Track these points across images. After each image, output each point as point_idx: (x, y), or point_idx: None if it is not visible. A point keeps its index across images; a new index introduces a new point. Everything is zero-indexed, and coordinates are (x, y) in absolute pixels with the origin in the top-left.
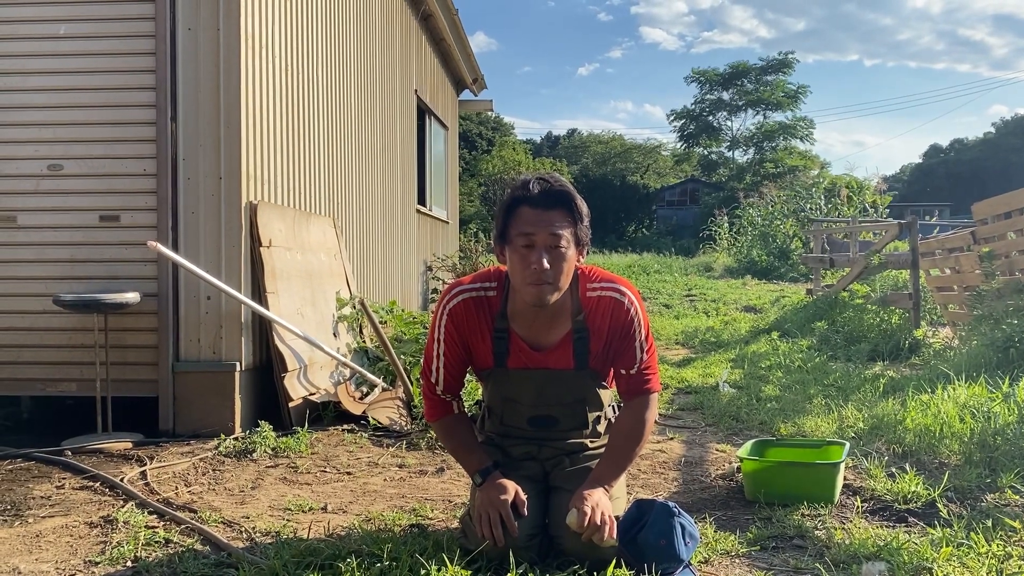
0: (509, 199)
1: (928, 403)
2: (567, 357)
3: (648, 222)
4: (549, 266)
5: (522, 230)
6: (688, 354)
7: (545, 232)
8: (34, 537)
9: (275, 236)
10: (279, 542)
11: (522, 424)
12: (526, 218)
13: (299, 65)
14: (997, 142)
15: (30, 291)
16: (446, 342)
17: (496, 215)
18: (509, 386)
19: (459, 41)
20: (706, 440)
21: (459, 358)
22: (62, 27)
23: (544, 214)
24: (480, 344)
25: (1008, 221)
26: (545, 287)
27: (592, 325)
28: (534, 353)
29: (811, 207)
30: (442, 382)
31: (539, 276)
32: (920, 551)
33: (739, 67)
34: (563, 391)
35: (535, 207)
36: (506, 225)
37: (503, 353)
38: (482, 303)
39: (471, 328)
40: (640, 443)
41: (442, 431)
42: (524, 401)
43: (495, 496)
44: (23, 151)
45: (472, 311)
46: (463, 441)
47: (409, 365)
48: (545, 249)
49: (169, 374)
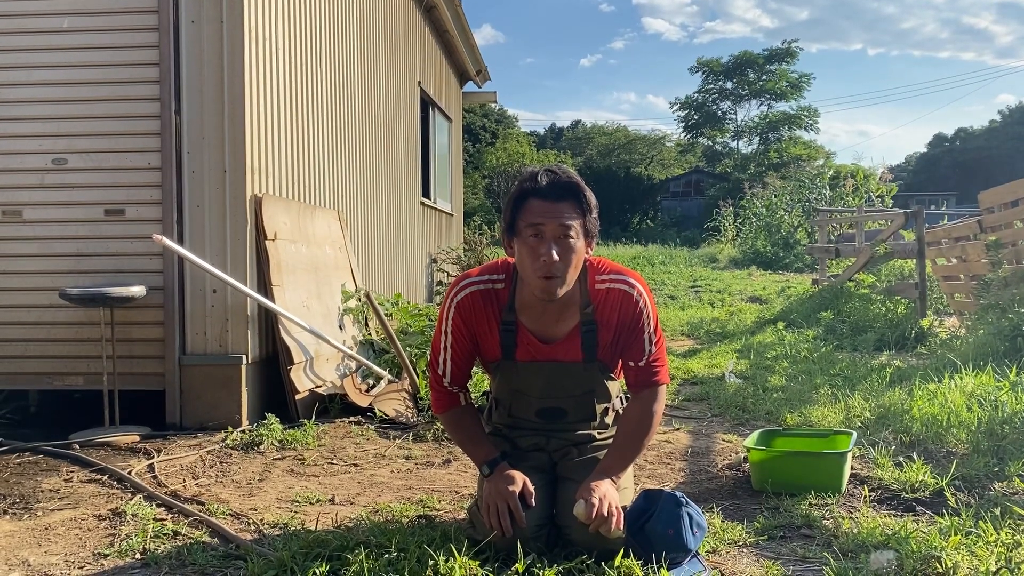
0: (517, 191)
1: (935, 392)
2: (576, 349)
3: (653, 213)
4: (558, 258)
5: (531, 221)
6: (694, 345)
7: (554, 223)
8: (43, 530)
9: (280, 229)
10: (287, 534)
11: (530, 416)
12: (535, 209)
13: (303, 57)
14: (1003, 131)
15: (36, 285)
16: (453, 335)
17: (504, 207)
18: (517, 378)
19: (462, 33)
20: (712, 430)
21: (466, 351)
22: (65, 20)
23: (553, 205)
24: (488, 336)
25: (1015, 210)
26: (554, 280)
27: (601, 318)
28: (542, 346)
29: (816, 197)
30: (449, 374)
31: (549, 268)
32: (928, 540)
33: (744, 56)
34: (572, 383)
35: (544, 199)
36: (515, 217)
37: (511, 346)
38: (490, 295)
39: (479, 320)
40: (648, 435)
41: (449, 422)
42: (532, 393)
43: (503, 487)
44: (28, 145)
45: (480, 304)
46: (470, 432)
47: (415, 357)
48: (554, 240)
49: (176, 367)
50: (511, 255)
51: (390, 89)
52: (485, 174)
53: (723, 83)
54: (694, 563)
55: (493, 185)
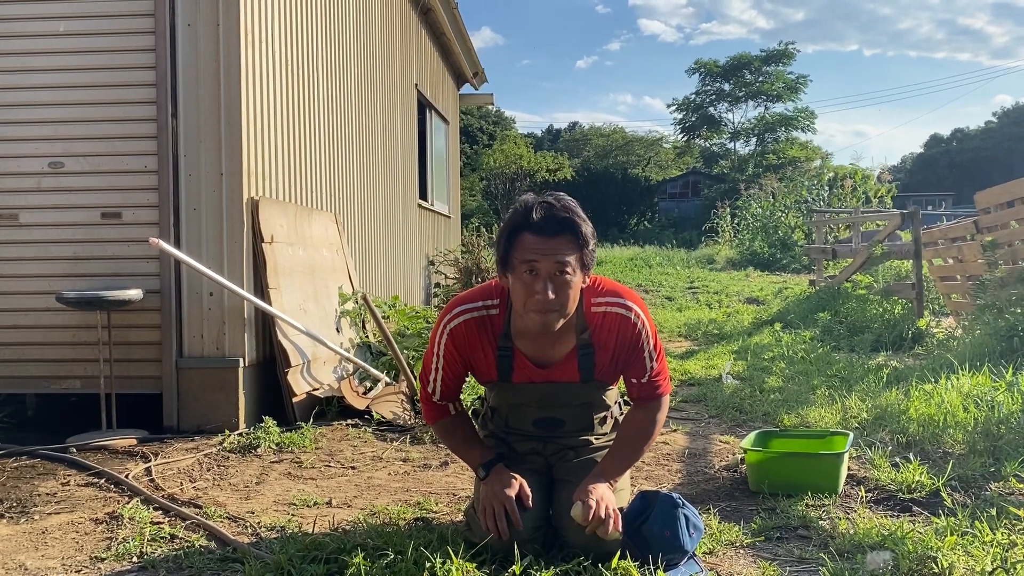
0: (511, 225)
1: (931, 393)
2: (572, 371)
3: (650, 215)
4: (554, 296)
5: (525, 258)
6: (691, 346)
7: (549, 261)
8: (40, 534)
9: (277, 232)
10: (284, 537)
11: (528, 426)
12: (529, 246)
13: (299, 60)
14: (999, 131)
15: (33, 289)
16: (445, 359)
17: (497, 240)
18: (514, 396)
19: (459, 35)
20: (710, 431)
21: (457, 374)
22: (61, 24)
23: (548, 242)
24: (483, 361)
25: (1011, 210)
26: (550, 315)
27: (598, 340)
28: (539, 369)
29: (813, 198)
30: (439, 392)
31: (543, 305)
32: (924, 540)
33: (741, 58)
34: (570, 397)
35: (538, 234)
36: (508, 251)
37: (507, 370)
38: (484, 322)
39: (472, 347)
40: (649, 441)
41: (441, 431)
42: (530, 406)
43: (499, 490)
44: (24, 149)
45: (474, 331)
46: (463, 438)
47: (412, 359)
48: (549, 278)
49: (173, 370)
50: (505, 286)
51: (387, 91)
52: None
53: (720, 85)
54: (691, 564)
55: (490, 187)
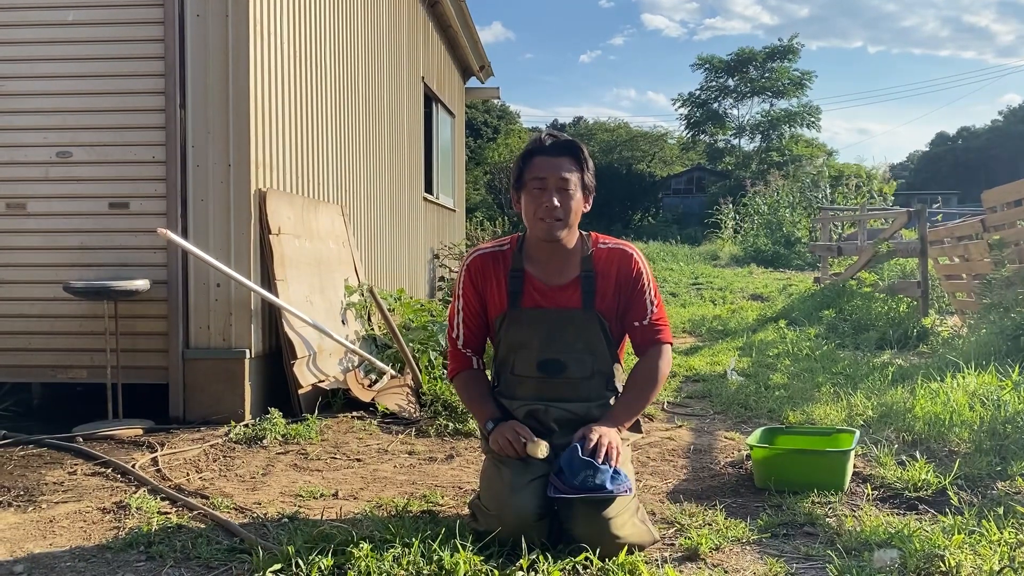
0: (524, 151)
1: (937, 391)
2: (576, 298)
3: (654, 211)
4: (559, 204)
5: (535, 175)
6: (695, 342)
7: (555, 175)
8: (48, 523)
9: (284, 224)
10: (292, 528)
11: (532, 371)
12: (539, 164)
13: (307, 52)
14: (1006, 130)
15: (40, 278)
16: (464, 296)
17: (513, 165)
18: (521, 330)
19: (466, 28)
20: (715, 428)
21: (476, 310)
22: (70, 14)
23: (554, 160)
24: (496, 292)
25: (1018, 209)
26: (555, 223)
27: (600, 268)
28: (546, 289)
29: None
30: (463, 336)
31: (550, 212)
32: (931, 538)
33: (745, 53)
34: (572, 333)
35: (547, 155)
36: (521, 172)
37: (517, 292)
38: (498, 256)
39: (486, 278)
40: (655, 388)
41: (460, 384)
42: (534, 345)
43: (509, 426)
44: (32, 138)
45: (488, 263)
46: (480, 393)
47: (417, 352)
48: (555, 190)
49: (179, 361)
50: (518, 210)
51: (394, 84)
52: (487, 170)
53: (724, 80)
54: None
55: (495, 181)
